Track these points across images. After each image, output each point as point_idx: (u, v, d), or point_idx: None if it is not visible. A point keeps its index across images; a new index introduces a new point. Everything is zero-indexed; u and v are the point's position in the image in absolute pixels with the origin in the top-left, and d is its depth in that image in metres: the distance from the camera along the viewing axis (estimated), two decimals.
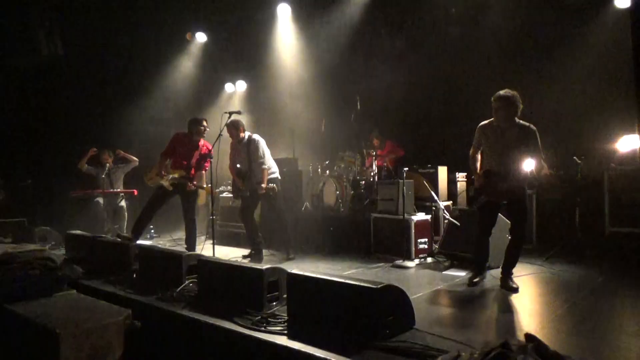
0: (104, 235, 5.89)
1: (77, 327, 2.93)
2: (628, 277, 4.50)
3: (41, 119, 8.07)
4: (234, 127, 5.98)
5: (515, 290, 4.06)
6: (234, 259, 5.34)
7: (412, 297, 3.12)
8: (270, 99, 10.31)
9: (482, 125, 4.38)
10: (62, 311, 3.30)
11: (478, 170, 4.43)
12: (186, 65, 9.88)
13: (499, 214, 4.50)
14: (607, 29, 6.50)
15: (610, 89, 6.38)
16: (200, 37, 9.81)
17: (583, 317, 3.37)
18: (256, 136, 6.06)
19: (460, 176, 7.16)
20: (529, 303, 3.79)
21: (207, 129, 6.04)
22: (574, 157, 5.81)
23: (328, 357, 2.54)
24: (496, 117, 4.22)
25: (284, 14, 9.17)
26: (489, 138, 4.31)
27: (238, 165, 6.07)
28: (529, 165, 4.13)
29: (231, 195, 8.26)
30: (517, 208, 4.25)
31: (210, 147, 5.90)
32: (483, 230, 4.38)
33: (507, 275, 4.21)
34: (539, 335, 2.24)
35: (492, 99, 4.23)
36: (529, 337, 2.23)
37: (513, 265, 4.26)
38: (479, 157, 4.47)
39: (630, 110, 6.02)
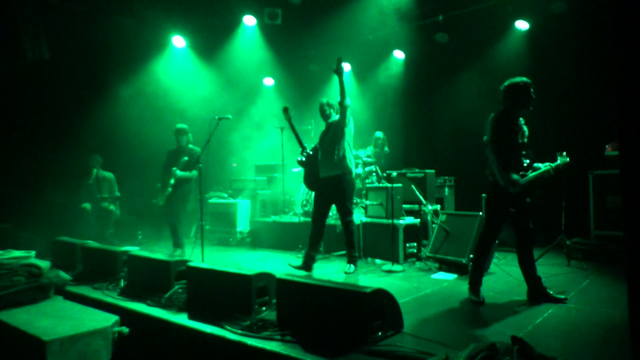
0: (90, 242, 5.83)
1: (64, 335, 2.90)
2: (612, 280, 4.57)
3: (26, 124, 7.98)
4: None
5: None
6: (223, 265, 5.31)
7: (400, 301, 3.14)
8: (259, 103, 10.30)
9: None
10: (49, 319, 3.27)
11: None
12: (171, 70, 9.80)
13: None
14: (590, 32, 6.61)
15: (595, 93, 6.48)
16: (180, 41, 9.73)
17: (568, 319, 3.41)
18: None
19: (448, 180, 7.20)
20: (516, 306, 3.82)
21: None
22: None
23: None
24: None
25: (270, 20, 9.16)
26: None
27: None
28: None
29: (220, 200, 8.25)
30: None
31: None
32: None
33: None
34: (525, 338, 2.28)
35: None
36: (515, 339, 2.27)
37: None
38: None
39: (614, 114, 6.10)
